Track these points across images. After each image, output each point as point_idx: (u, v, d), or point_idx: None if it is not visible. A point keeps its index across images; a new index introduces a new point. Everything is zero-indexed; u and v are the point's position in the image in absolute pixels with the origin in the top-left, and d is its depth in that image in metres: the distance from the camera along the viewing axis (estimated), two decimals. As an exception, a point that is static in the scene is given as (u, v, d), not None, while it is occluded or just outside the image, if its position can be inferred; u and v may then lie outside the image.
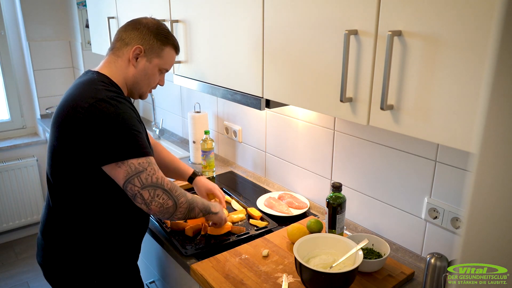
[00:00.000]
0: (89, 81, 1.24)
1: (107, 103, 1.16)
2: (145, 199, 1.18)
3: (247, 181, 2.06)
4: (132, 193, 1.18)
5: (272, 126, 1.93)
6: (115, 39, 1.33)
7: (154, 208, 1.20)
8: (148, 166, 1.18)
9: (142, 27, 1.30)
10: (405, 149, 1.37)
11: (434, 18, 0.85)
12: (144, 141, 1.21)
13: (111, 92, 1.21)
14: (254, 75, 1.37)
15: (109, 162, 1.16)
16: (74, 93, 1.22)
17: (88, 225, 1.28)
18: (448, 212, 1.29)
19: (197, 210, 1.33)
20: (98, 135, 1.14)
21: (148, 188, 1.18)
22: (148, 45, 1.29)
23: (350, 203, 1.58)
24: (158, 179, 1.20)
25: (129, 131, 1.17)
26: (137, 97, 1.38)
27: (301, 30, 1.16)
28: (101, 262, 1.32)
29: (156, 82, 1.38)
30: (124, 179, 1.17)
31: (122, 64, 1.30)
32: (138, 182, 1.17)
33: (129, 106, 1.22)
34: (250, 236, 1.52)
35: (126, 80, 1.31)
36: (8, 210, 3.15)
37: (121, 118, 1.16)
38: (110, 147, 1.15)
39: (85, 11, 2.87)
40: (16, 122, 3.30)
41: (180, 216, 1.27)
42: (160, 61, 1.33)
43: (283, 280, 1.27)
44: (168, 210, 1.22)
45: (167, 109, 2.79)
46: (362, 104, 1.04)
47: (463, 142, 0.86)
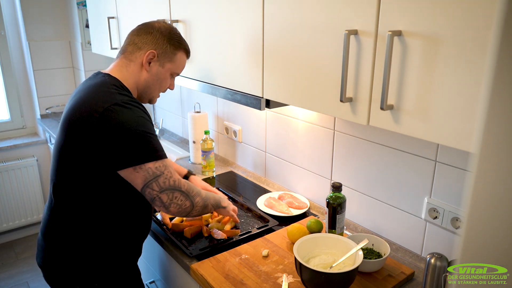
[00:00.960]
0: (101, 84, 1.23)
1: (122, 107, 1.16)
2: (164, 202, 1.20)
3: (247, 181, 2.06)
4: (151, 197, 1.20)
5: (272, 126, 1.93)
6: (127, 42, 1.32)
7: (173, 209, 1.23)
8: (165, 169, 1.20)
9: (155, 32, 1.29)
10: (405, 149, 1.37)
11: (434, 18, 0.85)
12: (159, 144, 1.22)
13: (125, 96, 1.20)
14: (254, 75, 1.37)
15: (126, 166, 1.16)
16: (86, 96, 1.21)
17: (91, 226, 1.27)
18: (448, 212, 1.29)
19: (210, 206, 1.37)
20: (114, 140, 1.14)
21: (166, 192, 1.20)
22: (161, 49, 1.29)
23: (350, 203, 1.58)
24: (175, 182, 1.22)
25: (145, 135, 1.17)
26: (146, 102, 1.38)
27: (301, 30, 1.16)
28: (103, 264, 1.32)
29: (167, 86, 1.38)
30: (142, 183, 1.18)
31: (134, 69, 1.29)
32: (157, 186, 1.18)
33: (142, 110, 1.22)
34: (250, 236, 1.52)
35: (138, 85, 1.31)
36: (8, 210, 3.15)
37: (136, 122, 1.16)
38: (127, 152, 1.15)
39: (85, 11, 2.87)
40: (16, 122, 3.30)
41: (195, 214, 1.31)
42: (172, 65, 1.33)
43: (283, 280, 1.27)
44: (186, 210, 1.26)
45: (167, 109, 2.79)
46: (362, 104, 1.04)
47: (463, 142, 0.86)
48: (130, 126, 1.15)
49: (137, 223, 1.36)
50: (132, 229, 1.35)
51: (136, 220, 1.35)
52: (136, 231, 1.37)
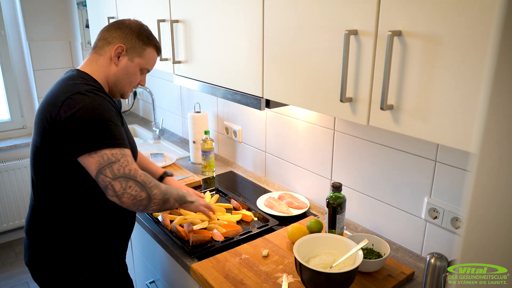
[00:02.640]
0: (68, 77, 1.26)
1: (84, 95, 1.17)
2: (116, 191, 1.16)
3: (247, 181, 2.06)
4: (104, 185, 1.16)
5: (272, 126, 1.93)
6: (98, 38, 1.35)
7: (126, 200, 1.17)
8: (122, 157, 1.17)
9: (124, 27, 1.32)
10: (405, 149, 1.37)
11: (434, 18, 0.85)
12: (121, 133, 1.20)
13: (89, 86, 1.22)
14: (254, 75, 1.37)
15: (83, 152, 1.15)
16: (53, 91, 1.23)
17: (72, 223, 1.27)
18: (448, 212, 1.29)
19: (172, 201, 1.30)
20: (72, 127, 1.14)
21: (119, 179, 1.15)
22: (130, 44, 1.31)
23: (350, 203, 1.58)
24: (131, 171, 1.17)
25: (104, 122, 1.17)
26: (118, 96, 1.39)
27: (301, 30, 1.16)
28: (87, 259, 1.32)
29: (137, 81, 1.39)
30: (96, 169, 1.15)
31: (103, 63, 1.31)
32: (110, 173, 1.15)
33: (107, 100, 1.22)
34: (250, 236, 1.52)
35: (108, 78, 1.32)
36: (8, 210, 3.15)
37: (97, 109, 1.17)
38: (84, 137, 1.14)
39: (85, 11, 2.87)
40: (16, 122, 3.30)
41: (155, 208, 1.25)
42: (142, 60, 1.35)
43: (283, 280, 1.27)
44: (142, 203, 1.20)
45: (167, 109, 2.79)
46: (362, 104, 1.04)
47: (463, 142, 0.86)
48: (89, 112, 1.15)
49: (120, 217, 1.36)
50: (114, 223, 1.35)
51: (118, 214, 1.34)
52: (119, 226, 1.37)
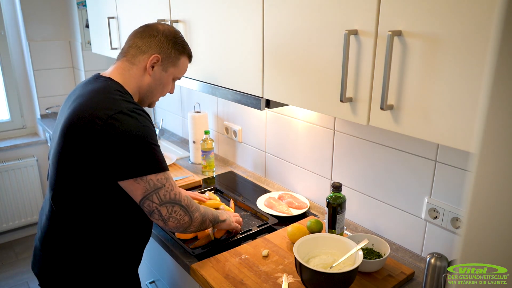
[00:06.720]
0: (104, 89, 1.19)
1: (127, 115, 1.12)
2: (163, 216, 1.17)
3: (247, 181, 2.05)
4: (150, 210, 1.16)
5: (272, 126, 1.93)
6: (129, 45, 1.28)
7: (171, 224, 1.20)
8: (166, 182, 1.17)
9: (159, 35, 1.26)
10: (405, 149, 1.37)
11: (434, 18, 0.85)
12: (162, 156, 1.19)
13: (130, 104, 1.16)
14: (254, 75, 1.37)
15: (127, 177, 1.13)
16: (89, 101, 1.16)
17: (91, 235, 1.24)
18: (448, 212, 1.29)
19: (208, 222, 1.33)
20: (117, 149, 1.10)
21: (166, 205, 1.17)
22: (166, 54, 1.27)
23: (350, 203, 1.58)
24: (176, 195, 1.19)
25: (149, 146, 1.14)
26: (146, 105, 1.35)
27: (301, 30, 1.16)
28: (101, 272, 1.28)
29: (168, 90, 1.37)
30: (142, 195, 1.14)
31: (137, 72, 1.26)
32: (157, 199, 1.15)
33: (147, 119, 1.19)
34: (251, 236, 1.52)
35: (140, 89, 1.28)
36: (8, 210, 3.15)
37: (141, 132, 1.13)
38: (129, 163, 1.12)
39: (85, 11, 2.87)
40: (16, 122, 3.29)
41: (193, 229, 1.27)
42: (175, 70, 1.32)
43: (283, 280, 1.27)
44: (184, 225, 1.23)
45: (167, 109, 2.79)
46: (362, 104, 1.04)
47: (463, 142, 0.86)
48: (134, 136, 1.11)
49: (138, 231, 1.33)
50: (132, 237, 1.32)
51: (136, 228, 1.32)
52: (136, 239, 1.34)
